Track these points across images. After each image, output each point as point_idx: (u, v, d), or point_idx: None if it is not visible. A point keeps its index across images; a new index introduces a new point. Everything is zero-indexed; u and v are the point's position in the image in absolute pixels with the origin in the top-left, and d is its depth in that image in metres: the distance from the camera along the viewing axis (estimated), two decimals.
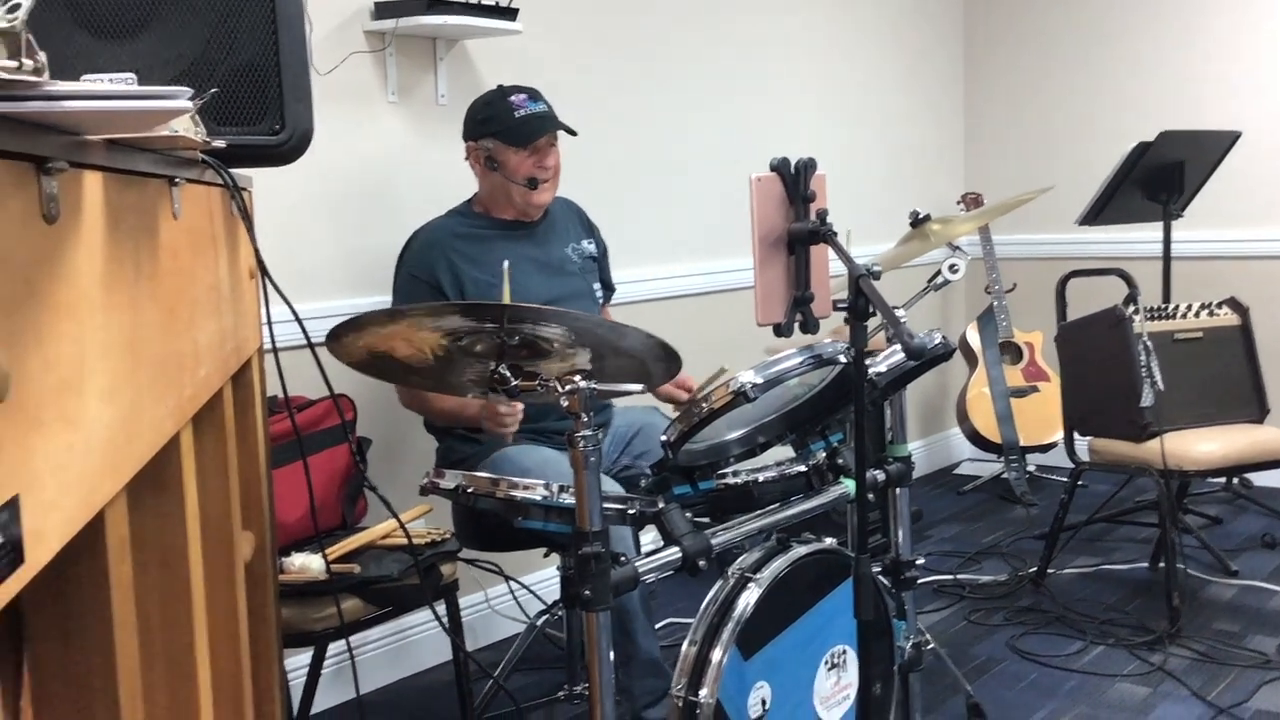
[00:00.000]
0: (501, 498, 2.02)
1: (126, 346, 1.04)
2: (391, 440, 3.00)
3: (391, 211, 3.03)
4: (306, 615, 2.24)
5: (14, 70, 0.71)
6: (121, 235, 1.04)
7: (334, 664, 2.77)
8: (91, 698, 0.97)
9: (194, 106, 0.85)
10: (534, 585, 3.23)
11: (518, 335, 1.88)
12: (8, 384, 0.71)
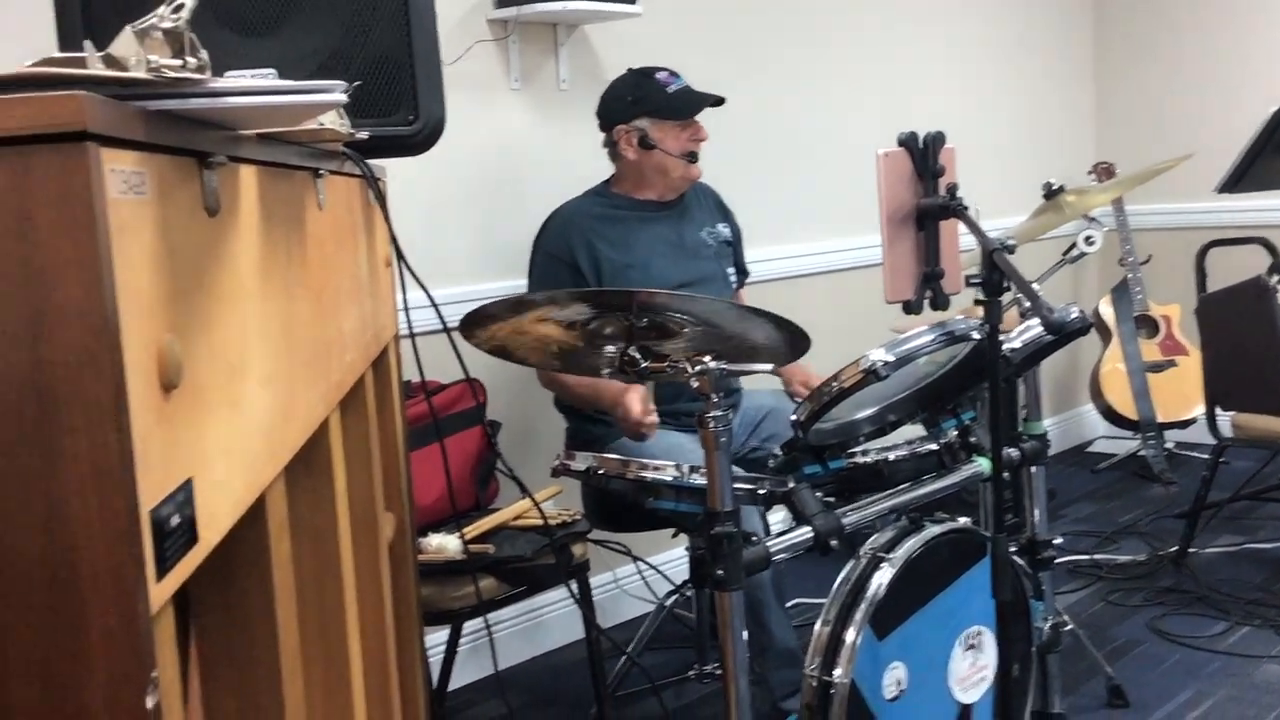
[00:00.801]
0: (632, 479, 2.04)
1: (281, 333, 1.07)
2: (520, 423, 3.05)
3: (517, 196, 3.06)
4: (444, 594, 2.29)
5: (179, 69, 0.74)
6: (274, 226, 1.07)
7: (467, 642, 2.83)
8: (255, 671, 1.01)
9: (346, 99, 0.88)
10: (662, 565, 3.25)
11: (646, 319, 1.90)
12: (180, 370, 0.74)
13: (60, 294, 0.63)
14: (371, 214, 1.78)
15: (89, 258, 0.63)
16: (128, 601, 0.65)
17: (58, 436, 0.64)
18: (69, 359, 0.63)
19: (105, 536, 0.65)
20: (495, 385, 2.87)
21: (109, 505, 0.65)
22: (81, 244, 0.63)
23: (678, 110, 2.71)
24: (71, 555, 0.64)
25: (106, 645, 0.65)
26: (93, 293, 0.63)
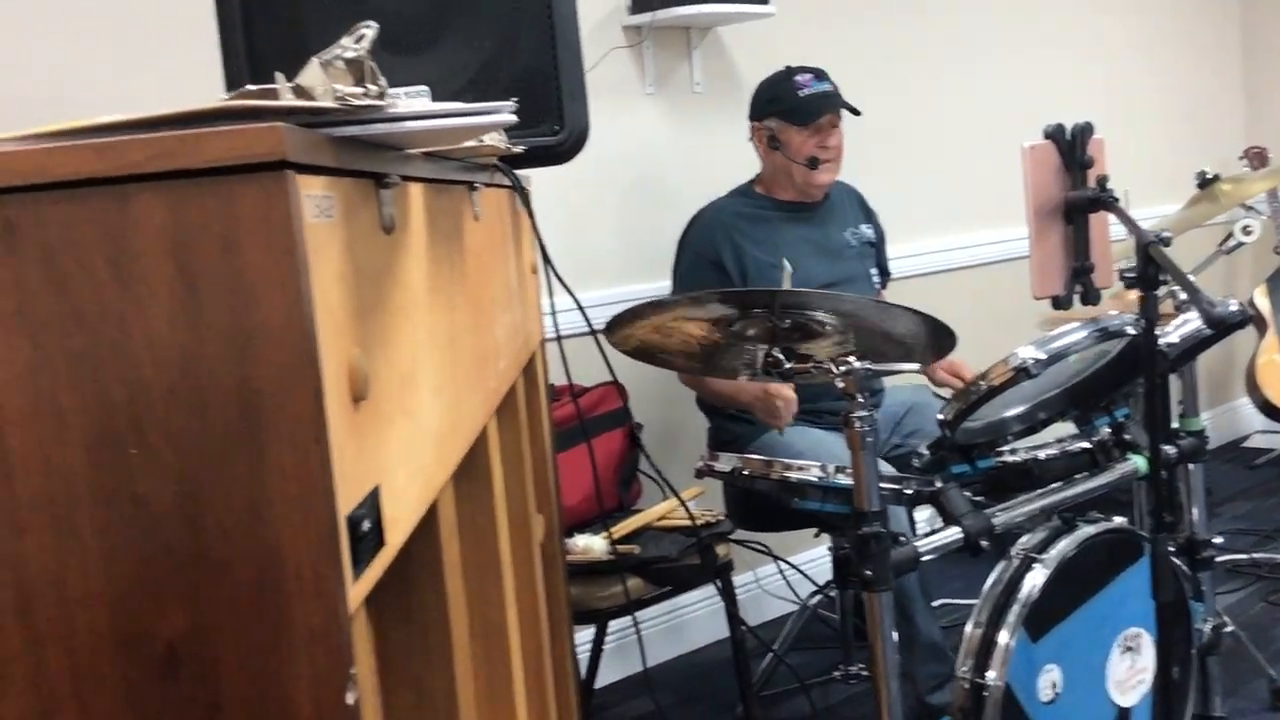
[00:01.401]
0: (776, 479, 2.05)
1: (447, 344, 1.11)
2: (661, 424, 3.07)
3: (655, 199, 3.09)
4: (592, 593, 2.33)
5: (361, 96, 0.77)
6: (438, 240, 1.11)
7: (611, 641, 2.86)
8: (430, 669, 1.05)
9: (516, 119, 0.91)
10: (803, 565, 3.24)
11: (789, 319, 1.90)
12: (368, 383, 0.78)
13: (264, 314, 0.67)
14: (518, 222, 1.83)
15: (290, 279, 0.67)
16: (329, 602, 0.69)
17: (264, 448, 0.68)
18: (273, 374, 0.67)
19: (308, 541, 0.68)
20: (636, 387, 2.90)
21: (311, 512, 0.68)
22: (283, 266, 0.67)
23: (802, 114, 2.71)
24: (277, 559, 0.68)
25: (310, 644, 0.69)
26: (294, 312, 0.67)
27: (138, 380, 0.67)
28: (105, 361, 0.67)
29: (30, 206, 0.66)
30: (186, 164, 0.65)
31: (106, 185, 0.66)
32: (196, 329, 0.67)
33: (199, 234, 0.66)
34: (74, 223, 0.66)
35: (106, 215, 0.66)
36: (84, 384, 0.67)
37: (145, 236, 0.66)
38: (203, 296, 0.67)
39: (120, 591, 0.68)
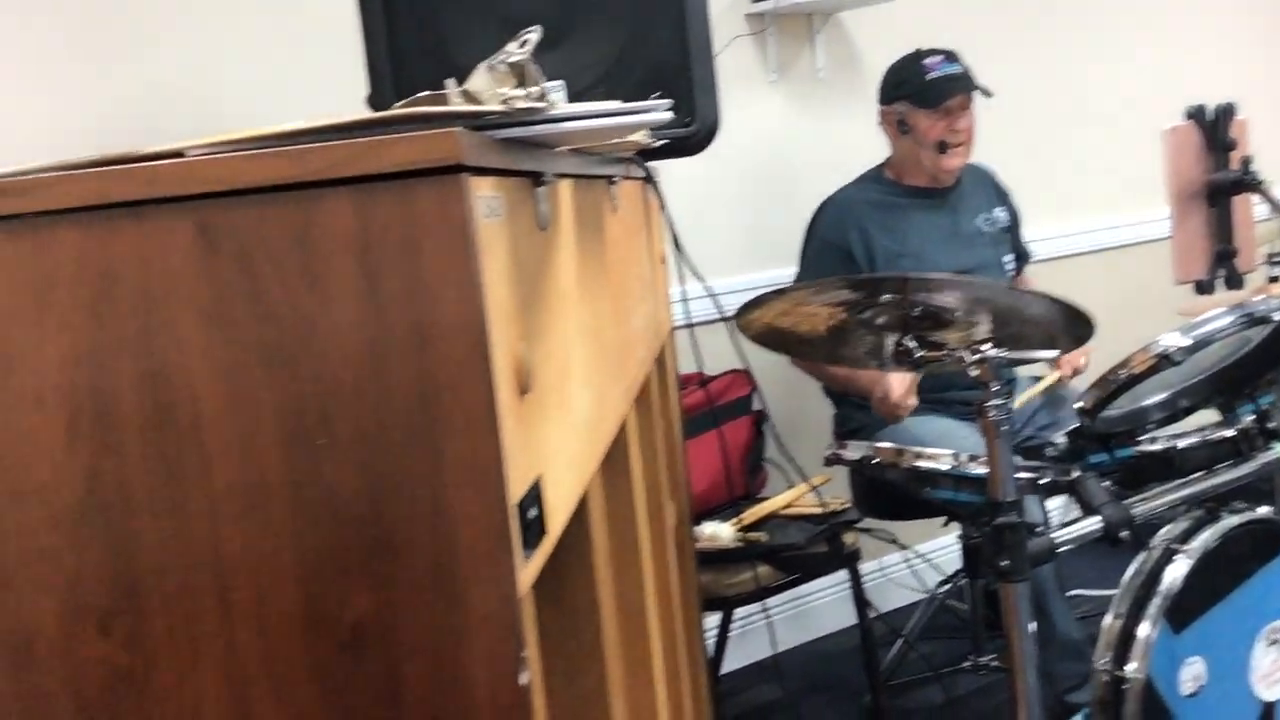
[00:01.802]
0: (907, 468, 2.04)
1: (593, 336, 1.14)
2: (785, 413, 3.07)
3: (779, 187, 3.09)
4: (720, 580, 2.34)
5: (523, 98, 0.80)
6: (585, 234, 1.14)
7: (735, 628, 2.88)
8: (580, 653, 1.08)
9: (672, 115, 0.93)
10: (929, 554, 3.21)
11: (920, 306, 1.89)
12: (531, 376, 0.81)
13: (441, 310, 0.70)
14: (650, 213, 1.85)
15: (465, 277, 0.70)
16: (502, 586, 0.72)
17: (441, 439, 0.71)
18: (450, 369, 0.70)
19: (482, 528, 0.71)
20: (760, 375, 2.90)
21: (485, 500, 0.71)
22: (459, 265, 0.70)
23: (930, 97, 2.67)
24: (453, 544, 0.71)
25: (485, 626, 0.72)
26: (469, 309, 0.70)
27: (325, 376, 0.71)
28: (295, 358, 0.71)
29: (225, 211, 0.70)
30: (370, 169, 0.69)
31: (296, 190, 0.69)
32: (379, 326, 0.70)
33: (381, 235, 0.70)
34: (265, 226, 0.70)
35: (295, 218, 0.70)
36: (276, 379, 0.71)
37: (331, 238, 0.70)
38: (384, 295, 0.70)
39: (309, 574, 0.72)
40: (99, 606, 0.73)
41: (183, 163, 0.70)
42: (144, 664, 0.73)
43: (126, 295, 0.71)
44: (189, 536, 0.72)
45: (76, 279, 0.71)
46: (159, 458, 0.72)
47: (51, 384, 0.71)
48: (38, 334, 0.71)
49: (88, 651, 0.73)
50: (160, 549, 0.72)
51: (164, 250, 0.70)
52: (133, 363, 0.71)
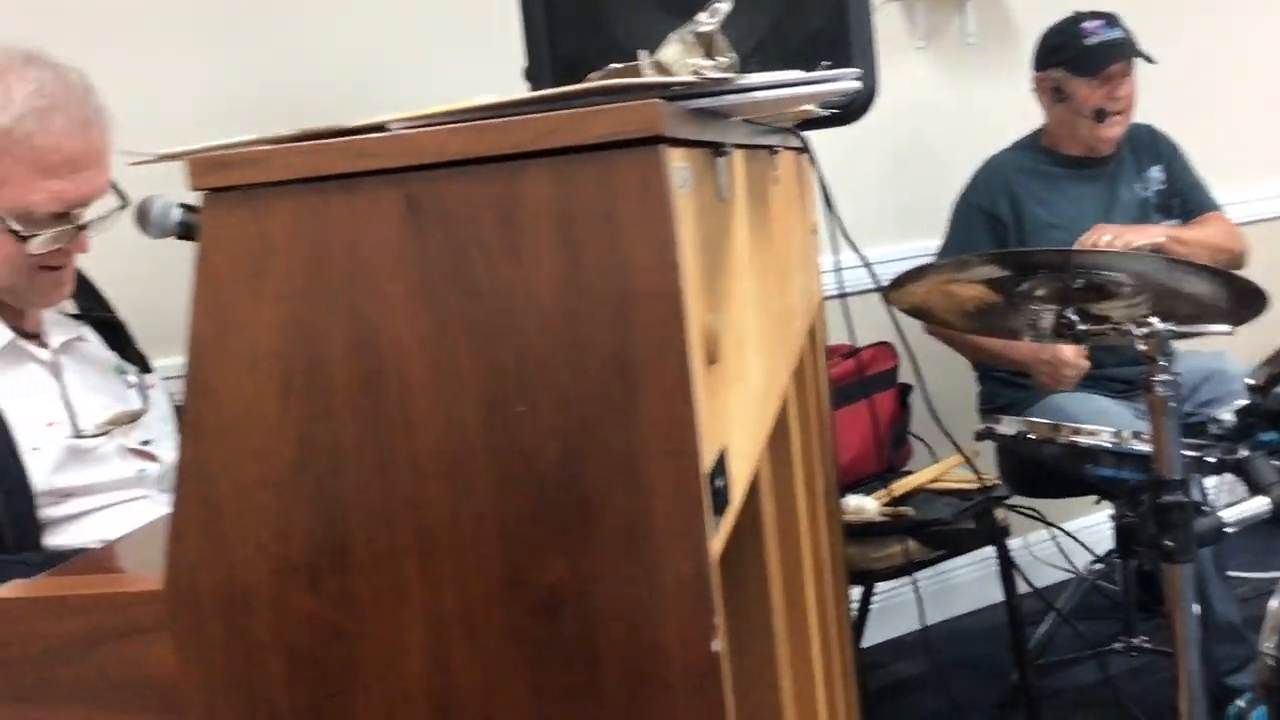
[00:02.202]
0: (1064, 444, 1.99)
1: (762, 306, 1.14)
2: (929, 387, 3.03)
3: (925, 158, 3.04)
4: (865, 554, 2.33)
5: (712, 68, 0.80)
6: (754, 205, 1.14)
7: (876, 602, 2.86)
8: (749, 625, 1.09)
9: (860, 85, 0.92)
10: (1077, 532, 3.14)
11: (1082, 279, 1.84)
12: (719, 346, 0.81)
13: (640, 281, 0.71)
14: (803, 183, 1.84)
15: (663, 248, 0.71)
16: (696, 553, 0.73)
17: (637, 407, 0.72)
18: (647, 339, 0.71)
19: (676, 496, 0.72)
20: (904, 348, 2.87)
21: (679, 469, 0.72)
22: (657, 236, 0.71)
23: (1089, 64, 2.58)
24: (649, 511, 0.73)
25: (679, 592, 0.73)
26: (667, 279, 0.71)
27: (525, 345, 0.72)
28: (497, 328, 0.72)
29: (431, 183, 0.72)
30: (572, 141, 0.70)
31: (499, 162, 0.71)
32: (577, 296, 0.71)
33: (581, 207, 0.71)
34: (469, 198, 0.72)
35: (499, 190, 0.71)
36: (479, 348, 0.73)
37: (533, 210, 0.71)
38: (583, 266, 0.71)
39: (508, 538, 0.74)
40: (309, 564, 0.76)
41: (393, 136, 0.72)
42: (350, 620, 0.76)
43: (337, 264, 0.73)
44: (393, 499, 0.75)
45: (290, 248, 0.73)
46: (366, 422, 0.74)
47: (266, 349, 0.74)
48: (254, 301, 0.74)
49: (298, 606, 0.76)
50: (366, 510, 0.75)
51: (373, 221, 0.73)
52: (343, 329, 0.74)
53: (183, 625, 0.77)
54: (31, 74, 1.46)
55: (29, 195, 1.46)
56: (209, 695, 0.78)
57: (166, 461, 1.60)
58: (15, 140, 1.43)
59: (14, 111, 1.43)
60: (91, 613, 0.79)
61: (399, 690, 0.76)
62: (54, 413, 1.50)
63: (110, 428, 1.54)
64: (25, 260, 1.49)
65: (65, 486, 1.47)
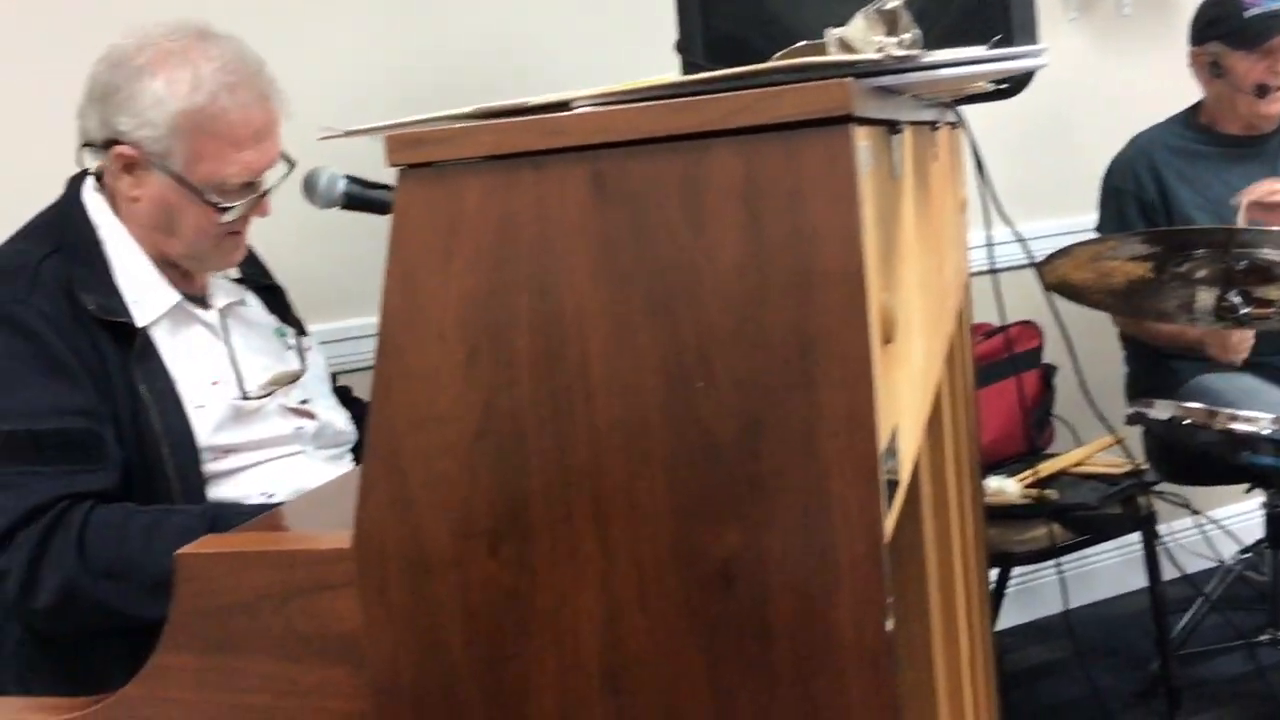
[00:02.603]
0: (1220, 430, 1.93)
1: (922, 286, 1.13)
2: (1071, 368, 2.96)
3: (1076, 133, 2.95)
4: (1006, 537, 2.30)
5: (895, 45, 0.79)
6: (918, 183, 1.13)
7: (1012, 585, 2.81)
8: (907, 603, 1.08)
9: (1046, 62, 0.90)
10: (1225, 521, 3.04)
11: (1245, 260, 1.78)
12: (895, 326, 0.81)
13: (824, 260, 0.71)
14: (955, 158, 1.81)
15: (848, 227, 0.71)
16: (871, 532, 0.73)
17: (817, 386, 0.72)
18: (829, 318, 0.72)
19: (853, 474, 0.73)
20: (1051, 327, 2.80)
21: (857, 447, 0.72)
22: (842, 216, 0.71)
23: (1249, 36, 2.47)
24: (825, 489, 0.73)
25: (854, 570, 0.73)
26: (851, 258, 0.71)
27: (706, 321, 0.73)
28: (679, 304, 0.73)
29: (618, 161, 0.73)
30: (760, 119, 0.70)
31: (687, 140, 0.72)
32: (761, 274, 0.72)
33: (768, 185, 0.71)
34: (656, 175, 0.73)
35: (685, 168, 0.72)
36: (660, 323, 0.74)
37: (718, 188, 0.72)
38: (768, 244, 0.72)
39: (683, 510, 0.75)
40: (489, 529, 0.78)
41: (584, 114, 0.73)
42: (527, 585, 0.79)
43: (524, 240, 0.75)
44: (572, 468, 0.77)
45: (480, 223, 0.76)
46: (548, 392, 0.76)
47: (453, 320, 0.77)
48: (443, 274, 0.76)
49: (477, 570, 0.79)
50: (545, 478, 0.77)
51: (560, 198, 0.74)
52: (527, 302, 0.76)
53: (368, 583, 0.81)
54: (213, 51, 1.51)
55: (224, 169, 1.52)
56: (391, 651, 0.81)
57: (322, 419, 1.66)
58: (210, 117, 1.49)
59: (206, 89, 1.48)
60: (283, 568, 0.83)
61: (572, 654, 0.79)
62: (219, 372, 1.56)
63: (273, 388, 1.60)
64: (216, 228, 1.56)
65: (228, 443, 1.53)
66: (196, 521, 1.36)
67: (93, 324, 1.45)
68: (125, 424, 1.45)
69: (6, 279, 1.45)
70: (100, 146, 1.53)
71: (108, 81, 1.51)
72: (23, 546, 1.33)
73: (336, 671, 0.83)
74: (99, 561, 1.33)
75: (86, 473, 1.38)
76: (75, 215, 1.55)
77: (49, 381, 1.40)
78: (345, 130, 0.89)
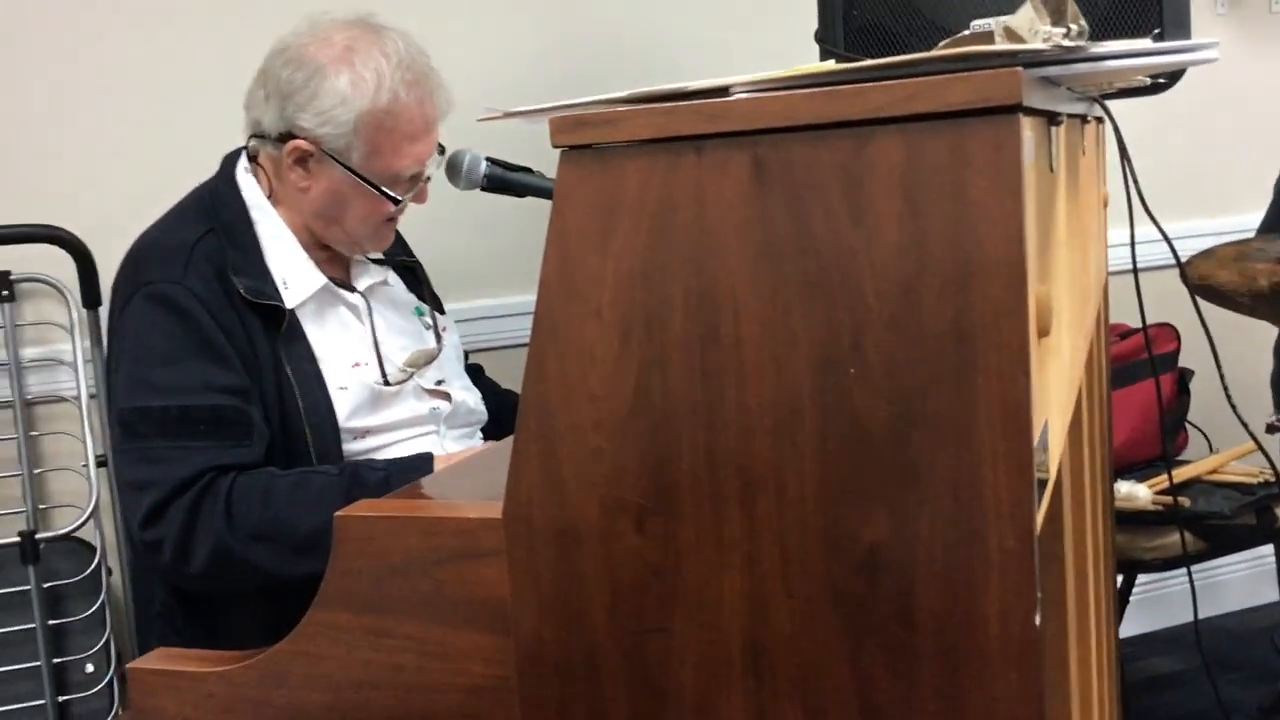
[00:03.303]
0: None
1: (1070, 281, 1.12)
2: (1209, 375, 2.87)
3: (1219, 130, 2.86)
4: (1135, 543, 2.24)
5: (1062, 36, 0.78)
6: (1071, 177, 1.11)
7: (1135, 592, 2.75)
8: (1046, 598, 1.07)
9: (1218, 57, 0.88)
10: None
11: None
12: (1050, 319, 0.80)
13: (985, 251, 0.71)
14: (1099, 154, 1.77)
15: (1012, 217, 0.70)
16: (1023, 526, 0.72)
17: (973, 377, 0.72)
18: (988, 309, 0.71)
19: (1006, 467, 0.72)
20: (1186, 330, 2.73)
21: (1011, 440, 0.72)
22: (1006, 207, 0.70)
23: None
24: (977, 480, 0.73)
25: (1003, 564, 0.73)
26: (1013, 250, 0.70)
27: (862, 308, 0.73)
28: (834, 289, 0.74)
29: (779, 146, 0.74)
30: (926, 108, 0.70)
31: (849, 128, 0.72)
32: (919, 263, 0.72)
33: (930, 174, 0.71)
34: (816, 161, 0.73)
35: (845, 155, 0.73)
36: (814, 308, 0.74)
37: (879, 176, 0.72)
38: (927, 234, 0.72)
39: (830, 495, 0.76)
40: (636, 505, 0.80)
41: (746, 99, 0.74)
42: (672, 562, 0.80)
43: (682, 222, 0.76)
44: (721, 448, 0.78)
45: (639, 204, 0.77)
46: (700, 373, 0.77)
47: (610, 299, 0.78)
48: (601, 254, 0.78)
49: (624, 545, 0.81)
50: (694, 458, 0.78)
51: (720, 182, 0.75)
52: (682, 283, 0.77)
53: (517, 552, 0.83)
54: (389, 46, 1.54)
55: (399, 162, 1.56)
56: (536, 619, 0.83)
57: (456, 400, 1.70)
58: (391, 115, 1.53)
59: (388, 88, 1.52)
60: (436, 534, 0.85)
61: (714, 632, 0.80)
62: (361, 354, 1.60)
63: (411, 370, 1.63)
64: (381, 216, 1.60)
65: (366, 425, 1.57)
66: (335, 480, 1.41)
67: (243, 305, 1.49)
68: (270, 403, 1.49)
69: (164, 259, 1.50)
70: (274, 139, 1.56)
71: (289, 79, 1.53)
72: (175, 517, 1.39)
73: (482, 637, 0.85)
74: (247, 525, 1.38)
75: (234, 448, 1.43)
76: (229, 195, 1.60)
77: (201, 360, 1.44)
78: (504, 111, 0.91)
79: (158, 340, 1.46)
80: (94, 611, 1.99)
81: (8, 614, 1.96)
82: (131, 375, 1.46)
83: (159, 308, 1.46)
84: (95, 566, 2.00)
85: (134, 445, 1.43)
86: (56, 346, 2.05)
